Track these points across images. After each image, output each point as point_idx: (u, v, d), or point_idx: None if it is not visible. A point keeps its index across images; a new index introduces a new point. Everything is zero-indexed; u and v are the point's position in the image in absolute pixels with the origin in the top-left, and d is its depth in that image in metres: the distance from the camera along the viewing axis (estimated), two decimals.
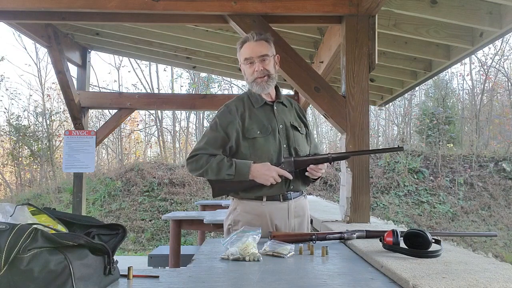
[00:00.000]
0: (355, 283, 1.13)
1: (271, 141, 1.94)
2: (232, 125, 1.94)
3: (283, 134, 1.97)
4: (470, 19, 2.83)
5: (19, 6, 2.74)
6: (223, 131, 1.94)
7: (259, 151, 1.92)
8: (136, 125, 15.77)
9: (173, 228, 3.98)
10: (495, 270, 1.16)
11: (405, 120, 15.18)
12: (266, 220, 1.92)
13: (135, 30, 4.67)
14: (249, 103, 2.01)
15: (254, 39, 1.94)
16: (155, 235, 9.63)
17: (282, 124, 1.99)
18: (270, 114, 1.99)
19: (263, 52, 1.94)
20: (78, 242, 0.90)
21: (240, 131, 1.94)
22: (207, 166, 1.91)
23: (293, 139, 1.99)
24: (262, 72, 1.94)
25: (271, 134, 1.94)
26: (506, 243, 9.46)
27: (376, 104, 5.83)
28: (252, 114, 1.97)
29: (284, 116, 2.02)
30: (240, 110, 1.98)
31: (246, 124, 1.94)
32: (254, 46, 1.94)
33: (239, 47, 2.00)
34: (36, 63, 14.56)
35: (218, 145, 1.94)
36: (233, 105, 2.00)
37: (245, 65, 1.98)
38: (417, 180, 11.12)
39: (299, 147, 1.99)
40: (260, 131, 1.94)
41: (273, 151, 1.93)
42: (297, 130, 2.03)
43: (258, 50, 1.94)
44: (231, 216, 2.02)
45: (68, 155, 5.14)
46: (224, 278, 1.18)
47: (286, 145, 1.97)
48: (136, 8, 2.67)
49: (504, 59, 14.37)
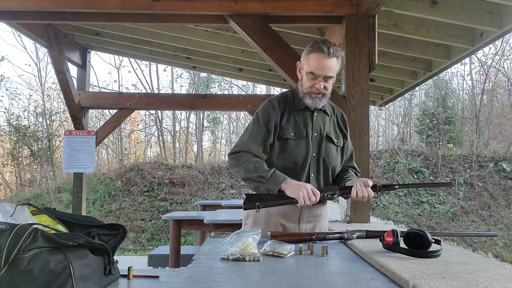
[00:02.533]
0: (355, 283, 1.13)
1: (301, 146, 1.89)
2: (273, 122, 1.88)
3: (315, 143, 1.92)
4: (470, 19, 2.83)
5: (19, 6, 2.74)
6: (265, 127, 1.88)
7: (287, 153, 1.87)
8: (136, 125, 15.78)
9: (173, 228, 3.98)
10: (495, 270, 1.16)
11: (405, 120, 15.19)
12: (276, 219, 1.90)
13: (135, 30, 4.67)
14: (291, 103, 1.95)
15: (328, 55, 1.81)
16: (155, 235, 9.63)
17: (317, 133, 1.93)
18: (308, 120, 1.93)
19: (331, 74, 1.85)
20: (78, 242, 0.90)
21: (277, 130, 1.88)
22: (244, 164, 1.84)
23: (324, 150, 1.92)
24: (322, 90, 1.86)
25: (304, 140, 1.89)
26: (506, 243, 9.46)
27: (376, 104, 5.83)
28: (291, 115, 1.92)
29: (322, 125, 1.95)
30: (282, 107, 1.92)
31: (283, 124, 1.89)
32: (326, 63, 1.82)
33: (308, 51, 1.87)
34: (36, 63, 14.55)
35: (260, 142, 1.88)
36: (276, 101, 1.94)
37: (307, 76, 1.87)
38: (417, 180, 11.12)
39: (328, 159, 1.93)
40: (295, 133, 1.89)
41: (301, 157, 1.88)
42: (331, 141, 1.95)
43: (327, 69, 1.83)
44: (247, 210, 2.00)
45: (68, 155, 5.14)
46: (224, 278, 1.18)
47: (316, 153, 1.91)
48: (136, 8, 2.67)
49: (504, 59, 14.38)
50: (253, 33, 2.61)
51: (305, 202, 1.69)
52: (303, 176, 1.90)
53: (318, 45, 1.83)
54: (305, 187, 1.72)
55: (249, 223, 1.97)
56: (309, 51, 1.86)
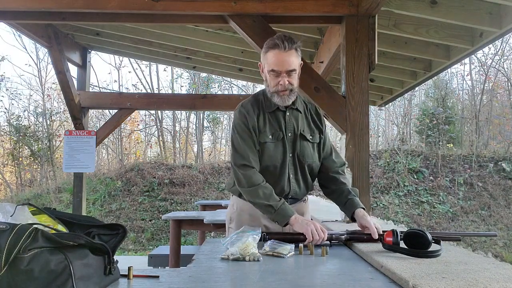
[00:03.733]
0: (355, 283, 1.13)
1: (279, 148, 1.88)
2: (253, 127, 1.86)
3: (290, 143, 1.91)
4: (470, 19, 2.83)
5: (19, 6, 2.74)
6: (252, 132, 1.86)
7: (266, 156, 1.86)
8: (136, 125, 15.78)
9: (173, 228, 3.98)
10: (495, 270, 1.16)
11: (405, 120, 15.19)
12: (259, 221, 1.91)
13: (135, 30, 4.67)
14: (263, 106, 1.93)
15: (285, 49, 1.79)
16: (155, 235, 9.63)
17: (291, 132, 1.91)
18: (281, 121, 1.91)
19: (292, 67, 1.82)
20: (78, 242, 0.90)
21: (257, 133, 1.87)
22: (253, 188, 1.80)
23: (300, 149, 1.91)
24: (287, 86, 1.83)
25: (280, 141, 1.89)
26: (506, 243, 9.46)
27: (376, 104, 5.83)
28: (265, 118, 1.90)
29: (295, 124, 1.93)
30: (256, 111, 1.90)
31: (260, 127, 1.87)
32: (284, 58, 1.80)
33: (265, 50, 1.86)
34: (36, 63, 14.56)
35: (255, 149, 1.86)
36: (250, 106, 1.92)
37: (269, 74, 1.85)
38: (417, 180, 11.12)
39: (304, 157, 1.92)
40: (272, 135, 1.87)
41: (280, 159, 1.88)
42: (305, 139, 1.94)
43: (287, 64, 1.80)
44: (229, 213, 2.03)
45: (68, 155, 5.14)
46: (224, 278, 1.18)
47: (292, 154, 1.91)
48: (136, 8, 2.67)
49: (504, 59, 14.38)
50: (253, 33, 2.61)
51: (313, 238, 1.62)
52: (283, 177, 1.89)
53: (273, 41, 1.81)
54: (314, 224, 1.66)
55: (233, 227, 1.97)
56: (266, 49, 1.85)
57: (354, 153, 2.43)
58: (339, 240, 1.70)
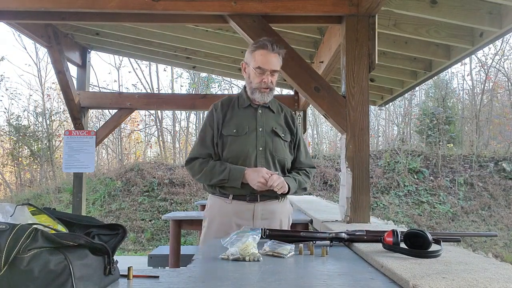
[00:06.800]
0: (355, 283, 1.13)
1: (247, 142, 1.99)
2: (216, 121, 2.03)
3: (261, 138, 2.01)
4: (470, 19, 2.83)
5: (19, 6, 2.73)
6: (210, 127, 2.04)
7: (232, 148, 1.98)
8: (136, 125, 15.78)
9: (173, 228, 3.97)
10: (495, 270, 1.15)
11: (405, 120, 15.19)
12: (230, 219, 1.97)
13: (135, 30, 4.67)
14: (235, 103, 2.09)
15: (273, 51, 1.97)
16: (155, 235, 9.63)
17: (262, 128, 2.03)
18: (251, 116, 2.05)
19: (277, 67, 2.00)
20: (78, 242, 0.90)
21: (219, 128, 2.02)
22: (201, 173, 1.99)
23: (272, 144, 2.02)
24: (269, 84, 2.00)
25: (246, 135, 1.99)
26: (506, 243, 9.46)
27: (376, 104, 5.82)
28: (234, 114, 2.05)
29: (267, 120, 2.06)
30: (225, 108, 2.07)
31: (225, 122, 2.02)
32: (271, 58, 1.98)
33: (252, 49, 2.01)
34: (36, 63, 14.57)
35: (209, 143, 2.03)
36: (220, 103, 2.09)
37: (254, 71, 2.00)
38: (417, 180, 11.12)
39: (275, 152, 2.03)
40: (237, 130, 2.00)
41: (246, 151, 1.98)
42: (278, 135, 2.05)
43: (273, 64, 1.99)
44: (205, 211, 2.13)
45: (68, 155, 5.14)
46: (224, 278, 1.18)
47: (263, 148, 2.01)
48: (136, 8, 2.67)
49: (504, 59, 14.39)
50: (253, 33, 2.60)
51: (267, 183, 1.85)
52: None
53: (262, 42, 1.99)
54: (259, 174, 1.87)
55: (206, 225, 2.08)
56: (254, 48, 2.01)
57: (354, 153, 2.42)
58: (339, 240, 1.70)
